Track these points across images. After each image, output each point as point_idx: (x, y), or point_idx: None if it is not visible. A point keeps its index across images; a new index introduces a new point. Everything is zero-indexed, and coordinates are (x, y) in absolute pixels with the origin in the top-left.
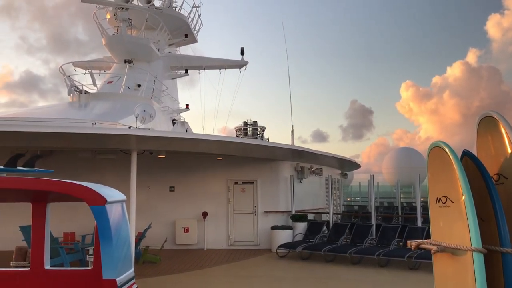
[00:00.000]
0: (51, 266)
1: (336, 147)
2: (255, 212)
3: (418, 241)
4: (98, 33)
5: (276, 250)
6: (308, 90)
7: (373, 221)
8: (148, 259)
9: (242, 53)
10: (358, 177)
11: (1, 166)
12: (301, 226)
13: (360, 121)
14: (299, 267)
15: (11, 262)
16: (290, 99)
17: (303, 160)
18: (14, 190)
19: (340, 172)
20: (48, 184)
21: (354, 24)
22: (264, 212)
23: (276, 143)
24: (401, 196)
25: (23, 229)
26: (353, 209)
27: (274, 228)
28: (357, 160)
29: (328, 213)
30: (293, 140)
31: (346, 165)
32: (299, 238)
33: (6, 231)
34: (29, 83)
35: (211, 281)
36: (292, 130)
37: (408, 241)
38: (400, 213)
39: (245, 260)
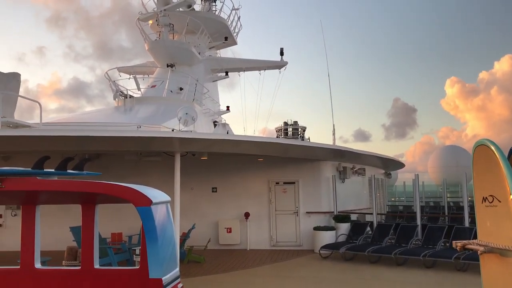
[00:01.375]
0: (100, 266)
1: (379, 146)
2: (297, 212)
3: (464, 241)
4: (140, 40)
5: (319, 251)
6: (349, 89)
7: (419, 221)
8: (192, 259)
9: (282, 53)
10: (402, 177)
11: (52, 170)
12: (344, 227)
13: (403, 120)
14: (343, 268)
15: (63, 262)
16: (330, 98)
17: (345, 160)
18: (65, 192)
19: (383, 171)
20: (96, 186)
21: (396, 21)
22: (306, 212)
23: (317, 143)
24: (448, 196)
25: (73, 229)
26: (398, 209)
27: (317, 228)
28: (401, 159)
29: (371, 214)
30: (334, 140)
31: (390, 165)
32: (342, 239)
33: (57, 232)
34: (77, 89)
35: (255, 281)
36: (333, 129)
37: (454, 242)
38: (446, 213)
39: (288, 261)
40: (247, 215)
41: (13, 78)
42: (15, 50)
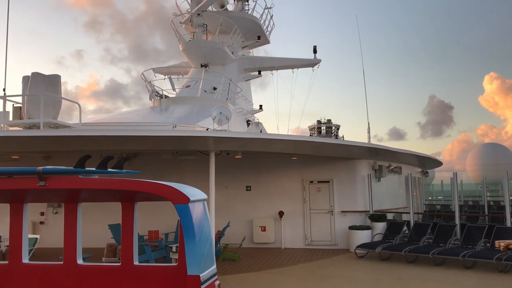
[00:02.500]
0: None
1: (415, 144)
2: (332, 211)
3: (508, 241)
4: (174, 42)
5: (355, 250)
6: (383, 86)
7: (457, 221)
8: (228, 257)
9: (315, 51)
10: (440, 175)
11: (93, 168)
12: (380, 226)
13: (439, 117)
14: (379, 267)
15: (102, 258)
16: (365, 96)
17: (380, 158)
18: (106, 190)
19: (420, 170)
20: (136, 185)
21: (430, 16)
22: (341, 211)
23: (351, 141)
24: (487, 195)
25: (112, 227)
26: (435, 209)
27: (352, 228)
28: (439, 158)
29: (408, 213)
30: (369, 138)
31: (427, 163)
32: (378, 238)
33: (96, 229)
34: (114, 90)
35: (290, 280)
36: (368, 127)
37: (496, 241)
38: (486, 212)
39: (323, 260)
40: (281, 213)
41: (54, 80)
42: (54, 53)
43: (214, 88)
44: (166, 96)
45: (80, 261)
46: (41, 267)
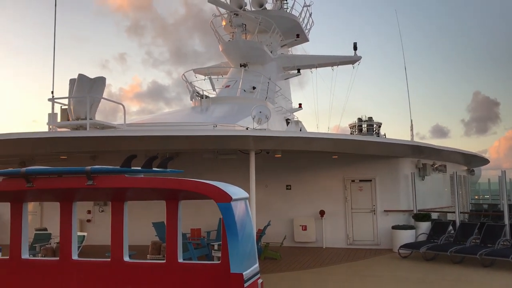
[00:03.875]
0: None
1: (459, 142)
2: (374, 211)
3: None
4: (213, 44)
5: (398, 250)
6: (424, 83)
7: (506, 221)
8: (269, 255)
9: (355, 48)
10: (487, 174)
11: (139, 168)
12: (425, 226)
13: (484, 114)
14: (424, 268)
15: (147, 255)
16: (407, 93)
17: (424, 157)
18: (151, 189)
19: (466, 168)
20: (180, 183)
21: (474, 10)
22: (384, 211)
23: (394, 139)
24: None
25: (155, 225)
26: (482, 208)
27: (395, 227)
28: (485, 156)
29: (453, 212)
30: (412, 135)
31: (473, 161)
32: (422, 238)
33: (139, 227)
34: (156, 92)
35: (333, 279)
36: (411, 125)
37: None
38: None
39: (366, 260)
40: (322, 213)
41: (99, 82)
42: (99, 57)
43: (253, 88)
44: (207, 96)
45: (126, 258)
46: (90, 264)
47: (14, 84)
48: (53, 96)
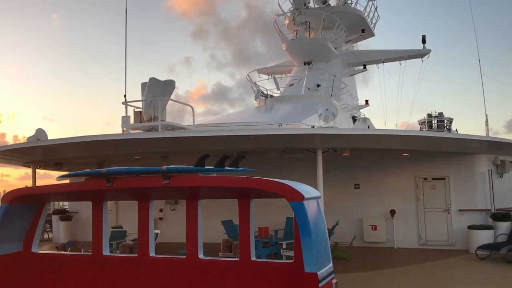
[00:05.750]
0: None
1: None
2: (448, 210)
3: None
4: (274, 45)
5: (475, 251)
6: (497, 75)
7: None
8: (338, 255)
9: (424, 41)
10: None
11: (212, 167)
12: (504, 226)
13: None
14: (505, 270)
15: (219, 253)
16: (482, 86)
17: (502, 153)
18: (224, 188)
19: None
20: (252, 182)
21: None
22: (459, 210)
23: (469, 135)
24: None
25: (224, 223)
26: None
27: (472, 227)
28: None
29: None
30: (487, 130)
31: None
32: (502, 239)
33: (208, 225)
34: (220, 94)
35: (405, 280)
36: (486, 119)
37: None
38: None
39: (440, 261)
40: (392, 212)
41: (169, 85)
42: (166, 61)
43: (318, 85)
44: (271, 96)
45: (201, 256)
46: (166, 261)
47: (90, 88)
48: (125, 99)
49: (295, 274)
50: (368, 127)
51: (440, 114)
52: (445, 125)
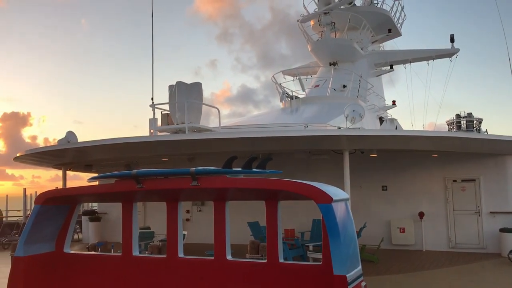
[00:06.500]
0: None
1: None
2: (479, 212)
3: None
4: (299, 47)
5: (508, 255)
6: None
7: None
8: (365, 258)
9: (452, 40)
10: None
11: (239, 169)
12: None
13: None
14: None
15: (246, 255)
16: None
17: None
18: (252, 189)
19: None
20: (280, 184)
21: None
22: (490, 212)
23: (501, 136)
24: None
25: (250, 225)
26: None
27: (504, 230)
28: None
29: None
30: None
31: None
32: None
33: (235, 227)
34: (245, 96)
35: (434, 284)
36: None
37: None
38: None
39: (470, 264)
40: (421, 214)
41: (196, 88)
42: (192, 64)
43: (344, 86)
44: (296, 97)
45: (229, 257)
46: (195, 262)
47: (117, 92)
48: (153, 102)
49: (323, 277)
50: (396, 128)
51: (469, 114)
52: (475, 125)
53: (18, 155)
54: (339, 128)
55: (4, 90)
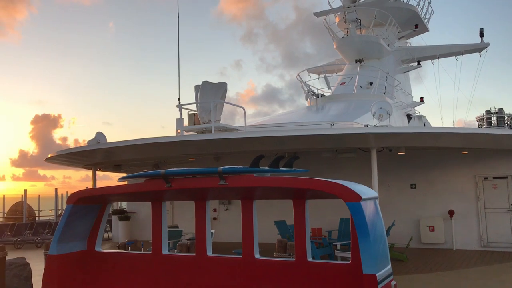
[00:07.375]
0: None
1: None
2: None
3: None
4: (323, 45)
5: None
6: None
7: None
8: (394, 257)
9: (482, 34)
10: None
11: (267, 167)
12: None
13: None
14: None
15: (274, 253)
16: None
17: None
18: (279, 188)
19: None
20: (308, 183)
21: None
22: None
23: None
24: None
25: (277, 224)
26: None
27: None
28: None
29: None
30: None
31: None
32: None
33: (262, 226)
34: (270, 95)
35: (465, 283)
36: None
37: None
38: None
39: (503, 264)
40: (451, 213)
41: (221, 87)
42: (217, 65)
43: (370, 83)
44: (322, 95)
45: (257, 256)
46: (223, 260)
47: (145, 93)
48: (179, 103)
49: (352, 275)
50: (424, 125)
51: (500, 110)
52: (506, 121)
53: (49, 156)
54: (366, 126)
55: (35, 93)
